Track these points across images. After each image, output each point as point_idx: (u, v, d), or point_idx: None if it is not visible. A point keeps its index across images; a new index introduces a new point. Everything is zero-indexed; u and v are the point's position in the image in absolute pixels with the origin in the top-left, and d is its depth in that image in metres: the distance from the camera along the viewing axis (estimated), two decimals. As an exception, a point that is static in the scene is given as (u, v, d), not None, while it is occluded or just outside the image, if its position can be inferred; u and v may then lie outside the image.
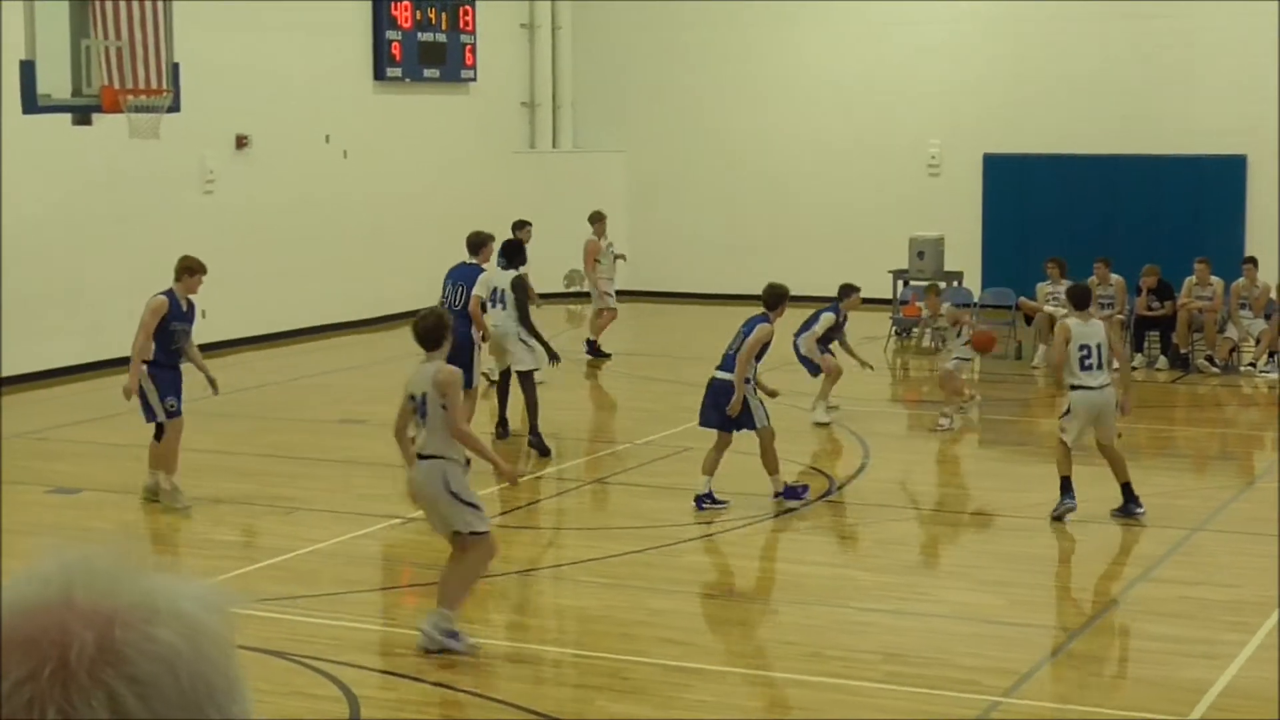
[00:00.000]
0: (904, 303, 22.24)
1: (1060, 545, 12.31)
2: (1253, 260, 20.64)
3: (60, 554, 1.25)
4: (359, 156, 23.68)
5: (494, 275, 15.81)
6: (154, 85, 15.59)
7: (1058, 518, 12.56)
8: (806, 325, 17.24)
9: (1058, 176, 24.23)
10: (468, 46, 25.33)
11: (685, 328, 23.49)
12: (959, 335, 17.14)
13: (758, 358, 13.30)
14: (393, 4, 24.04)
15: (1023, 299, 21.31)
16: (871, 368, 17.39)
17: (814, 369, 16.97)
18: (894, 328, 22.18)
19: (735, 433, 13.13)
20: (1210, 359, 20.04)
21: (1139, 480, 13.10)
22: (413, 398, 9.65)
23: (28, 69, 14.71)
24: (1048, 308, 20.64)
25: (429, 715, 8.96)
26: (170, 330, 13.36)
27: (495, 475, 10.42)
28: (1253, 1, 23.11)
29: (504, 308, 15.45)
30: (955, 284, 22.31)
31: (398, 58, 24.17)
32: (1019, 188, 24.46)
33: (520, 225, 19.27)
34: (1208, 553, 12.16)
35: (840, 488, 14.16)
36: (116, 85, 15.33)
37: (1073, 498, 12.59)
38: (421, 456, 9.59)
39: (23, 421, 17.06)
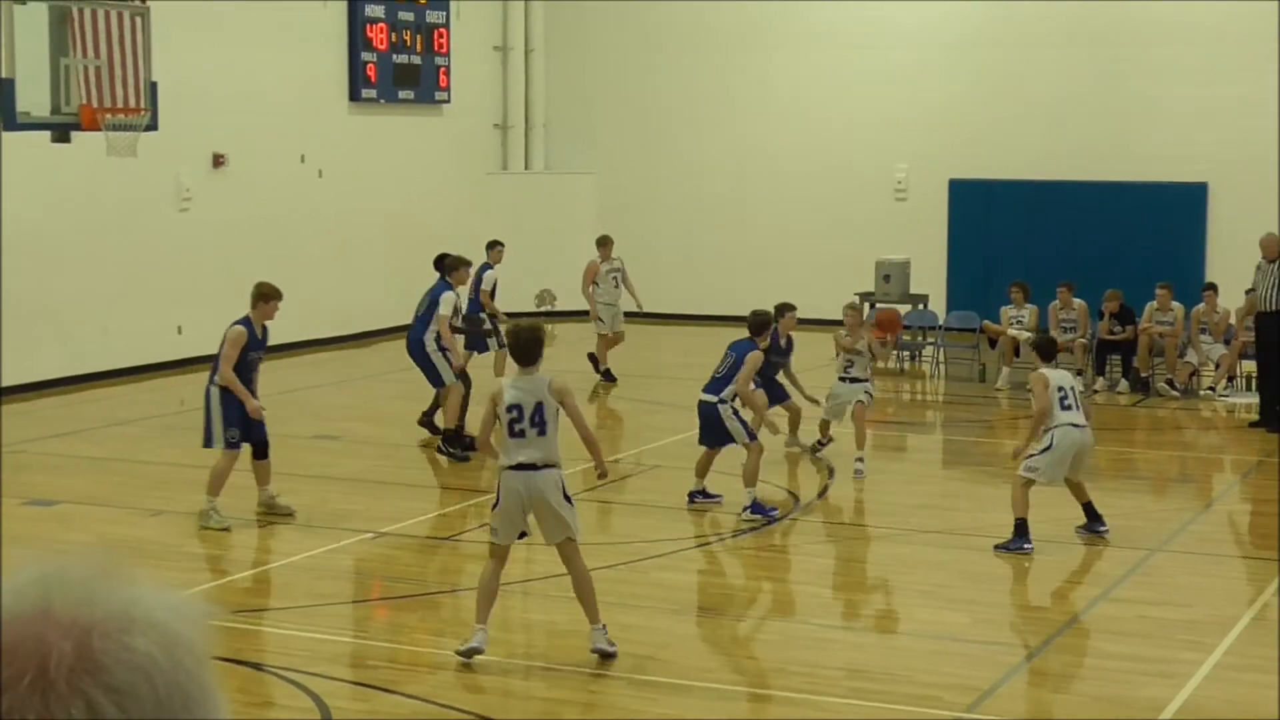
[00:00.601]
0: (872, 325, 22.30)
1: (1022, 565, 12.39)
2: (1212, 286, 20.81)
3: (36, 565, 1.26)
4: (334, 176, 23.70)
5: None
6: (132, 104, 15.59)
7: (1005, 548, 12.52)
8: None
9: (1022, 202, 24.38)
10: (441, 68, 25.38)
11: (653, 347, 23.53)
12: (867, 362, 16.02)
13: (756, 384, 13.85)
14: (368, 26, 24.08)
15: (987, 322, 21.44)
16: (818, 403, 15.93)
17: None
18: (860, 349, 22.24)
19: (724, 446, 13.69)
20: (1170, 383, 20.18)
21: (1100, 500, 13.19)
22: (516, 408, 9.60)
23: (7, 87, 14.69)
24: (1011, 331, 20.78)
25: (399, 727, 8.97)
26: (246, 359, 13.17)
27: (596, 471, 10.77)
28: (1213, 32, 23.32)
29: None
30: (921, 307, 22.43)
31: (373, 79, 24.21)
32: (984, 213, 24.61)
33: (493, 245, 19.32)
34: (1166, 573, 12.25)
35: (805, 507, 14.22)
36: (95, 104, 15.32)
37: (1029, 541, 12.50)
38: (536, 467, 9.65)
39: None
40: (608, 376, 20.42)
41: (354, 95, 24.09)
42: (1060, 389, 12.80)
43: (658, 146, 26.82)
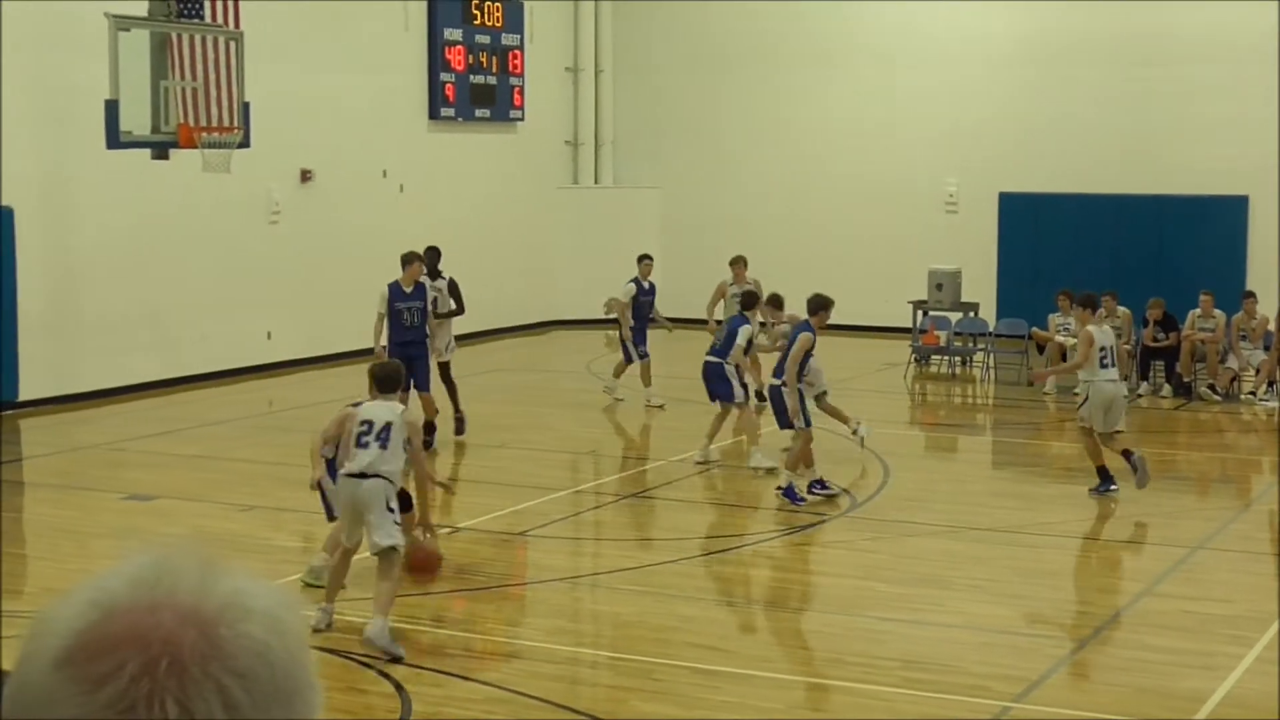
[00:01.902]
0: (923, 331, 22.22)
1: (1068, 561, 12.29)
2: (1252, 294, 20.58)
3: (145, 556, 1.26)
4: (414, 190, 23.82)
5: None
6: (226, 123, 15.74)
7: (1096, 492, 13.85)
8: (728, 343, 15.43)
9: (1070, 214, 24.19)
10: (516, 88, 25.46)
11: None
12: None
13: (801, 365, 14.12)
14: (446, 48, 24.19)
15: (1035, 329, 21.27)
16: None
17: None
18: (913, 355, 22.15)
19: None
20: (1212, 387, 19.96)
21: (1144, 499, 13.07)
22: (368, 424, 9.82)
23: (111, 108, 14.88)
24: (1059, 338, 20.61)
25: (474, 711, 9.00)
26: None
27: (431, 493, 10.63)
28: (1253, 50, 23.06)
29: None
30: (972, 314, 22.28)
31: (451, 98, 24.32)
32: (1032, 224, 24.43)
33: (642, 259, 19.54)
34: (1208, 570, 12.11)
35: (861, 504, 14.16)
36: (192, 123, 15.49)
37: (1114, 483, 13.76)
38: (365, 475, 9.74)
39: (101, 433, 17.22)
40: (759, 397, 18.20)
41: (433, 114, 24.21)
42: (1102, 349, 14.01)
43: (719, 162, 26.79)
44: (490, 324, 25.16)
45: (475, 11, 24.61)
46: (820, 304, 14.16)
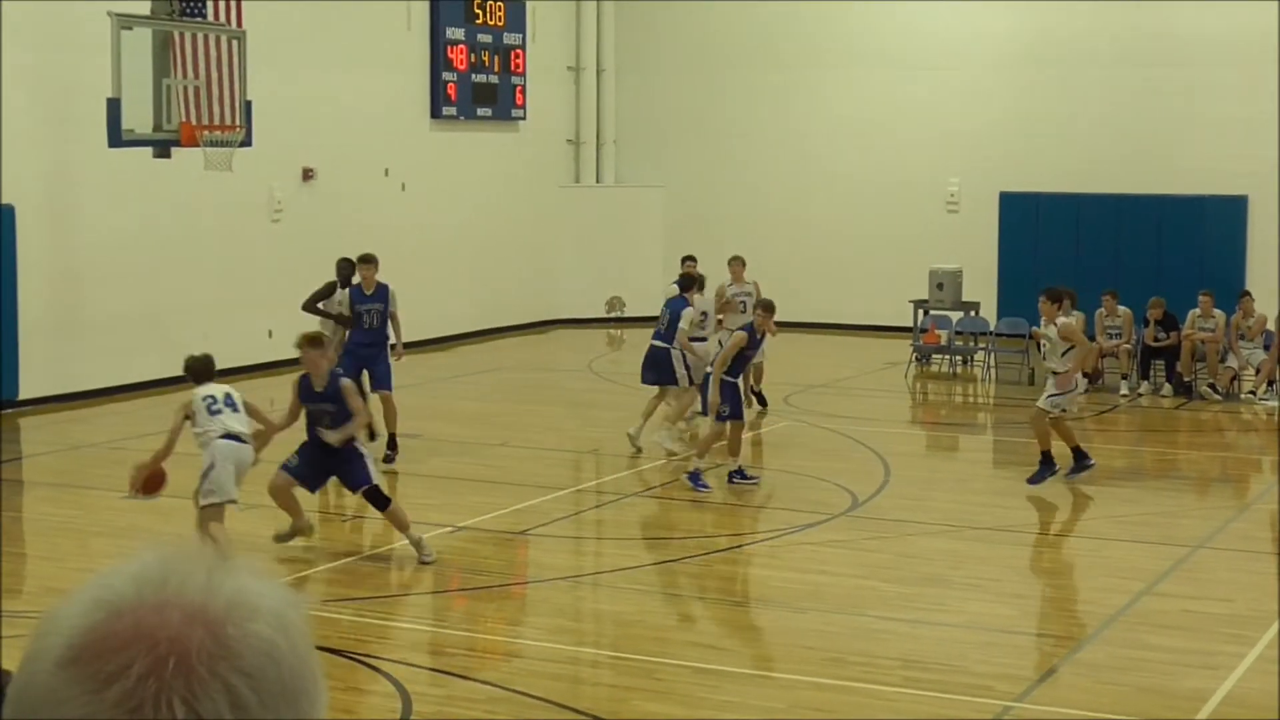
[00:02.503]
0: (924, 331, 22.21)
1: (1069, 560, 12.28)
2: (1248, 293, 20.62)
3: (151, 554, 1.25)
4: (416, 188, 23.81)
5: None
6: (228, 122, 15.73)
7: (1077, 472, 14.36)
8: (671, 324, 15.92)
9: (1070, 214, 24.17)
10: (518, 87, 25.45)
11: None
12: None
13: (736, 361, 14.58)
14: (449, 47, 24.18)
15: (1036, 329, 21.22)
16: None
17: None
18: (914, 354, 22.14)
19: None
20: (1213, 387, 19.95)
21: (1145, 499, 13.05)
22: (211, 397, 11.44)
23: (113, 106, 14.86)
24: (1059, 337, 20.60)
25: (475, 711, 8.99)
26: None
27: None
28: (1253, 50, 23.04)
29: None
30: (972, 313, 22.27)
31: (453, 97, 24.31)
32: (1033, 224, 24.42)
33: (687, 259, 19.16)
34: (1208, 569, 12.10)
35: (862, 504, 14.15)
36: (194, 121, 15.47)
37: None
38: (241, 439, 11.28)
39: (101, 432, 17.20)
40: (758, 398, 18.46)
41: (435, 113, 24.19)
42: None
43: (722, 161, 26.78)
44: (492, 323, 25.15)
45: (477, 10, 24.59)
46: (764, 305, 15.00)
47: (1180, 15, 23.78)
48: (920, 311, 22.47)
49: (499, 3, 25.00)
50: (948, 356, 22.12)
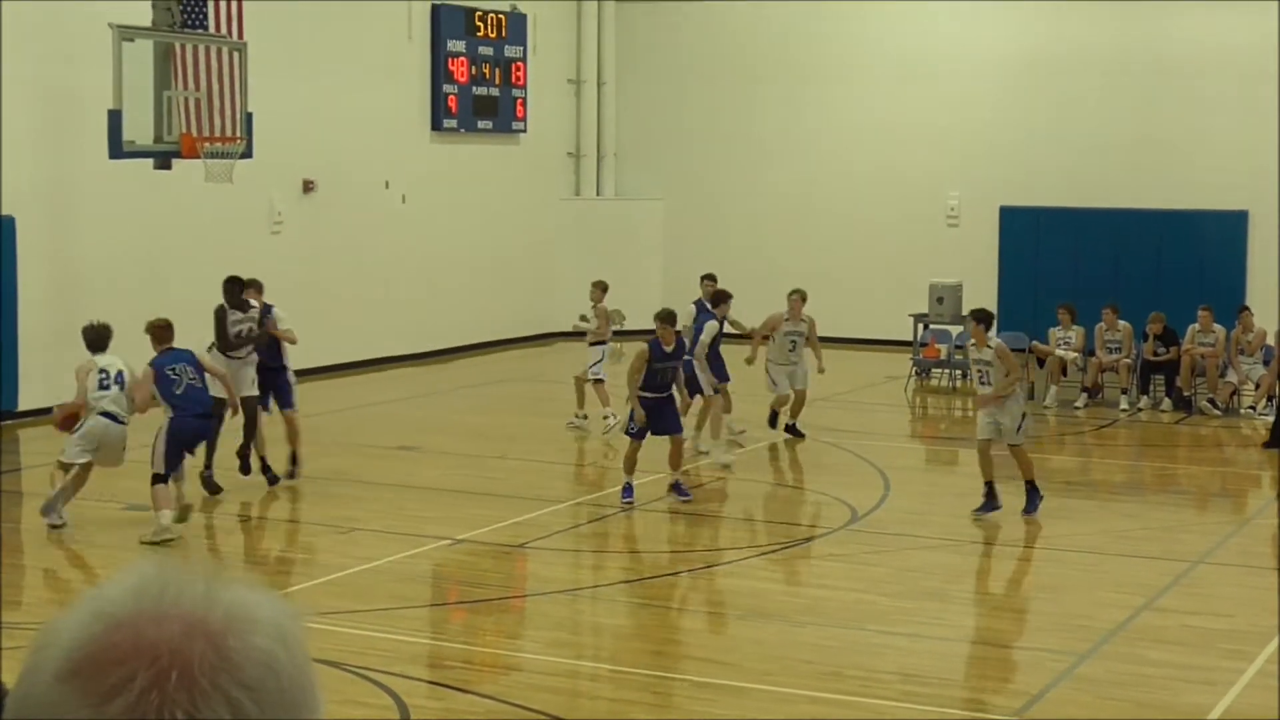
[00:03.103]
0: (923, 345, 22.22)
1: (1068, 575, 12.27)
2: (1247, 308, 20.63)
3: (148, 566, 1.25)
4: (416, 201, 23.83)
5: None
6: (229, 133, 15.76)
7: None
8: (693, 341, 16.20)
9: (1070, 228, 24.19)
10: (519, 100, 25.48)
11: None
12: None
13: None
14: (449, 60, 24.22)
15: (1035, 343, 21.26)
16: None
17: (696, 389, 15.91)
18: (914, 368, 22.15)
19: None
20: (1212, 401, 19.94)
21: (1145, 514, 13.04)
22: (105, 372, 12.79)
23: (115, 118, 14.89)
24: (1059, 351, 20.61)
25: (474, 724, 8.97)
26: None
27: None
28: (1254, 66, 23.08)
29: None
30: (972, 327, 22.24)
31: (453, 110, 24.34)
32: (1033, 238, 24.44)
33: (706, 278, 18.79)
34: (1208, 584, 12.09)
35: (862, 517, 14.15)
36: (195, 133, 15.50)
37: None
38: (118, 419, 12.70)
39: (101, 443, 17.15)
40: (792, 431, 17.68)
41: (436, 125, 24.22)
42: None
43: (722, 174, 26.81)
44: (492, 335, 25.16)
45: (478, 23, 24.63)
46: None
47: (1181, 30, 23.82)
48: (920, 325, 22.48)
49: (500, 15, 25.05)
50: (947, 371, 22.12)
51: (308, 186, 22.06)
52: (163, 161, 15.96)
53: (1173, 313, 20.64)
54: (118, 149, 15.06)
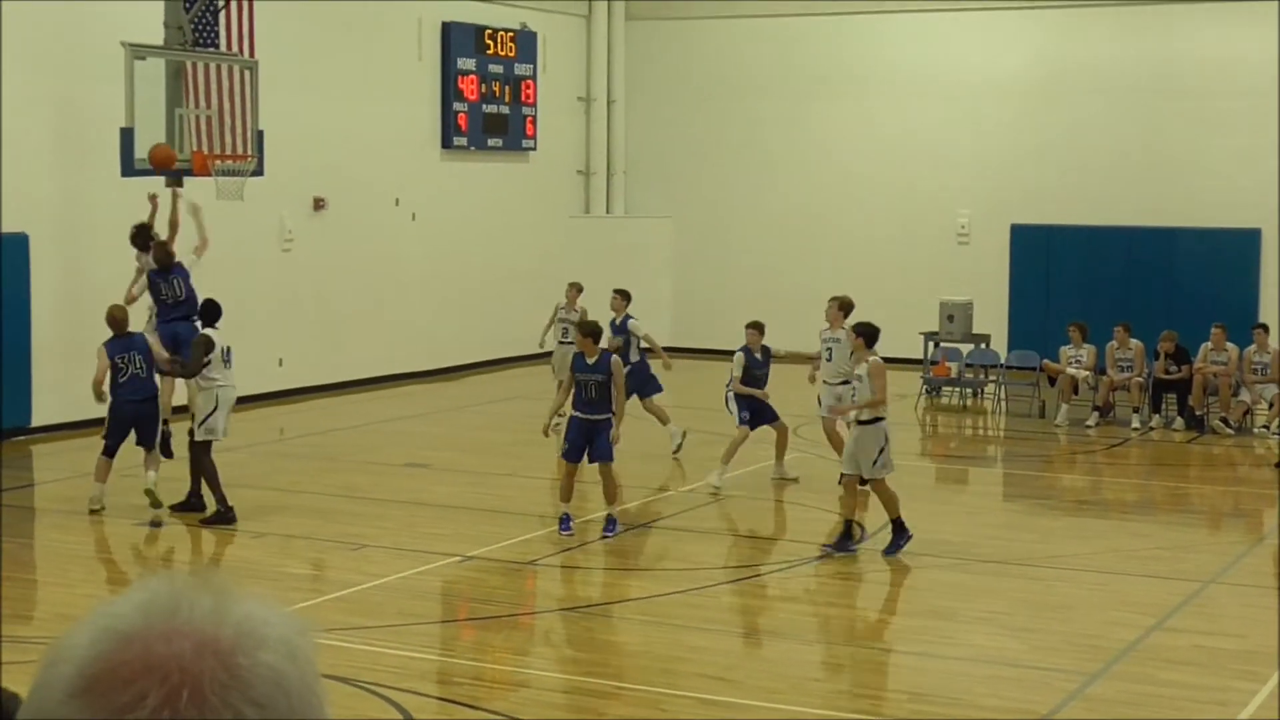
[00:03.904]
0: (934, 363, 22.21)
1: (1079, 594, 12.25)
2: (1263, 326, 20.56)
3: (157, 582, 1.26)
4: (426, 218, 23.89)
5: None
6: (240, 151, 15.82)
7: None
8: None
9: (1081, 246, 24.20)
10: (528, 118, 25.56)
11: (723, 381, 23.45)
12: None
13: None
14: (459, 78, 24.30)
15: (1046, 361, 21.26)
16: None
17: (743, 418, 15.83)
18: (924, 386, 22.14)
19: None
20: (1225, 421, 19.92)
21: (1157, 533, 13.01)
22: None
23: (127, 135, 14.96)
24: (1070, 370, 20.60)
25: (483, 741, 8.98)
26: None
27: None
28: (1265, 85, 23.09)
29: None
30: (983, 346, 22.27)
31: (464, 128, 24.41)
32: (1044, 256, 24.44)
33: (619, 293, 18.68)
34: (1220, 604, 12.07)
35: (871, 536, 14.14)
36: (206, 151, 15.56)
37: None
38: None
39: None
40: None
41: (446, 143, 24.29)
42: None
43: (731, 192, 26.86)
44: (501, 353, 25.19)
45: (488, 41, 24.71)
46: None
47: (1193, 47, 23.84)
48: (930, 344, 22.48)
49: (509, 33, 25.13)
50: (958, 389, 22.12)
51: (318, 204, 22.13)
52: (174, 179, 16.02)
53: (1185, 331, 20.62)
54: (130, 167, 15.13)
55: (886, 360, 24.55)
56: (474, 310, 24.52)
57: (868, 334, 13.57)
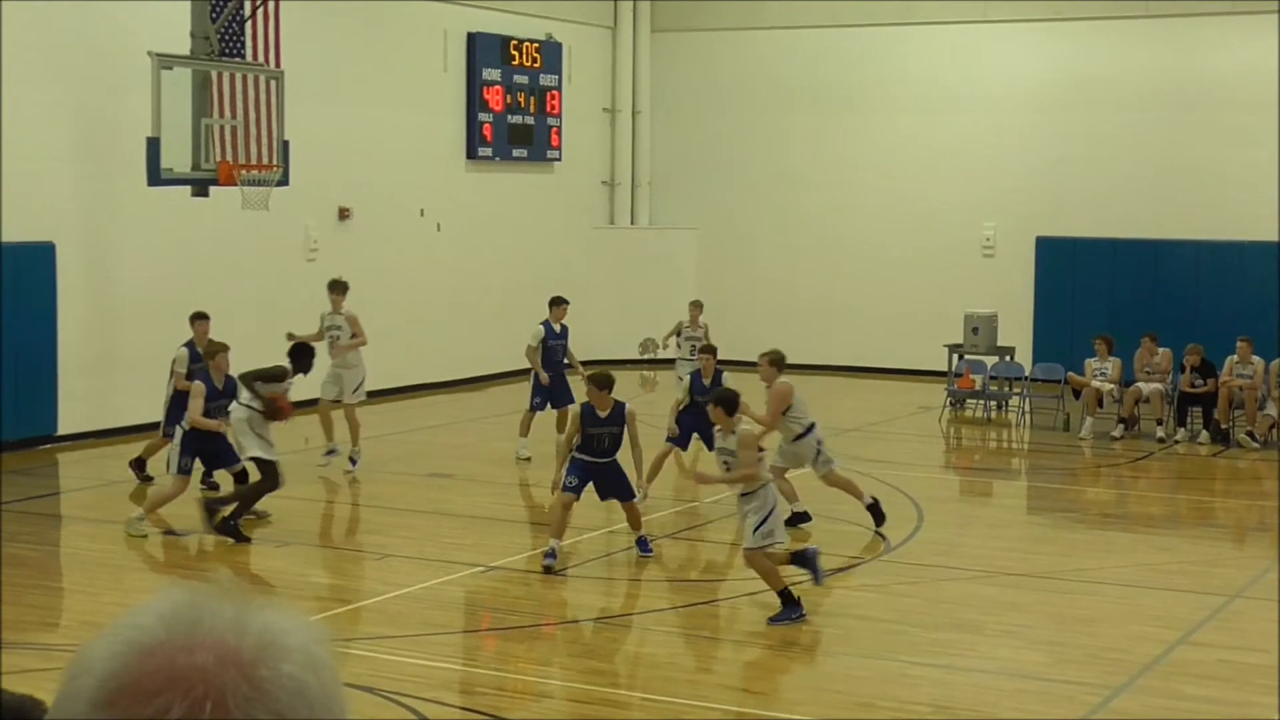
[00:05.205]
0: (958, 375, 22.16)
1: (1103, 607, 12.21)
2: (1287, 339, 20.50)
3: (179, 592, 1.26)
4: (451, 229, 23.94)
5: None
6: (266, 161, 15.89)
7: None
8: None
9: (1106, 258, 24.13)
10: (554, 129, 25.60)
11: (750, 394, 23.43)
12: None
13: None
14: (485, 88, 24.36)
15: (1071, 374, 21.19)
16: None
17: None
18: (948, 399, 22.09)
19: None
20: (1250, 434, 19.82)
21: (1181, 547, 12.95)
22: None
23: (153, 145, 15.03)
24: (1095, 383, 20.53)
25: (505, 752, 8.98)
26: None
27: None
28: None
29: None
30: (1008, 358, 22.21)
31: (489, 138, 24.47)
32: (1069, 268, 24.38)
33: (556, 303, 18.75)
34: (1245, 619, 12.00)
35: (895, 548, 14.11)
36: (232, 161, 15.63)
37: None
38: None
39: (137, 468, 17.28)
40: None
41: (471, 153, 24.35)
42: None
43: (756, 203, 26.86)
44: (525, 364, 25.18)
45: (514, 52, 24.77)
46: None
47: (1216, 60, 23.76)
48: (955, 356, 22.43)
49: (535, 44, 25.19)
50: (982, 401, 22.06)
51: (343, 214, 22.19)
52: (200, 189, 16.10)
53: (1210, 344, 20.53)
54: (156, 176, 15.21)
55: (906, 371, 24.58)
56: (498, 321, 24.53)
57: (725, 402, 11.72)
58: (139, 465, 16.19)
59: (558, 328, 18.32)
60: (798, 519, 14.41)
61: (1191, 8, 23.82)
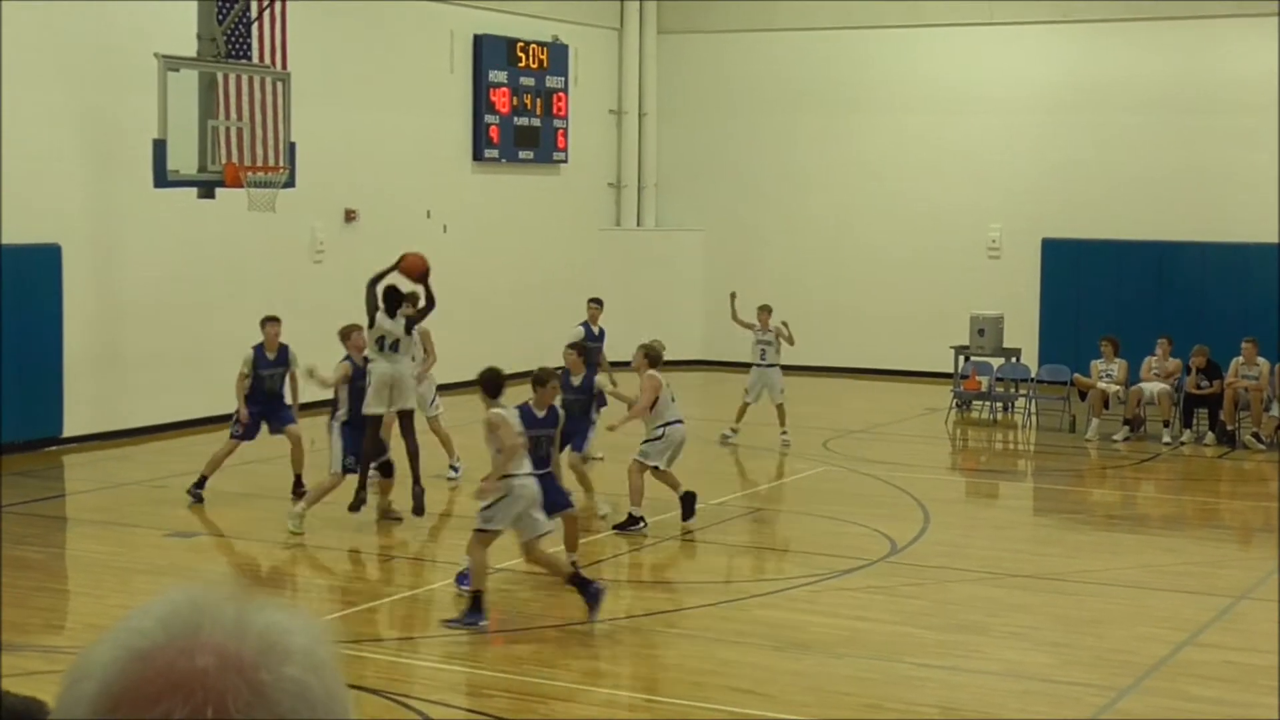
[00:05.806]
0: (964, 377, 22.14)
1: (1109, 609, 12.19)
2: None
3: (179, 594, 1.25)
4: (458, 230, 23.94)
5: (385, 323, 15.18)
6: (272, 163, 15.90)
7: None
8: None
9: (1112, 260, 24.10)
10: (560, 130, 25.60)
11: (731, 391, 23.42)
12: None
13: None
14: (491, 90, 24.36)
15: (1077, 375, 21.17)
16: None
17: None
18: (955, 400, 22.07)
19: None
20: (1256, 435, 19.79)
21: (1187, 548, 12.93)
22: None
23: (159, 147, 15.05)
24: (1101, 384, 20.51)
25: (511, 753, 8.98)
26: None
27: None
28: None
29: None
30: (1014, 360, 22.19)
31: (495, 140, 24.47)
32: (1075, 270, 24.35)
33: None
34: (1251, 620, 11.98)
35: (902, 550, 14.09)
36: (238, 162, 15.65)
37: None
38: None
39: (144, 470, 17.31)
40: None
41: (477, 155, 24.35)
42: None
43: (762, 205, 26.84)
44: (532, 365, 25.10)
45: (520, 54, 24.78)
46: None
47: (1224, 63, 23.74)
48: (961, 357, 22.41)
49: (541, 46, 25.19)
50: (988, 403, 22.04)
51: (350, 216, 22.20)
52: (206, 191, 16.12)
53: (1216, 346, 20.51)
54: (162, 178, 15.22)
55: (912, 373, 24.50)
56: (504, 323, 24.53)
57: (491, 385, 11.49)
58: (200, 484, 15.43)
59: (596, 329, 18.24)
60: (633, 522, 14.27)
61: (1199, 9, 23.80)
